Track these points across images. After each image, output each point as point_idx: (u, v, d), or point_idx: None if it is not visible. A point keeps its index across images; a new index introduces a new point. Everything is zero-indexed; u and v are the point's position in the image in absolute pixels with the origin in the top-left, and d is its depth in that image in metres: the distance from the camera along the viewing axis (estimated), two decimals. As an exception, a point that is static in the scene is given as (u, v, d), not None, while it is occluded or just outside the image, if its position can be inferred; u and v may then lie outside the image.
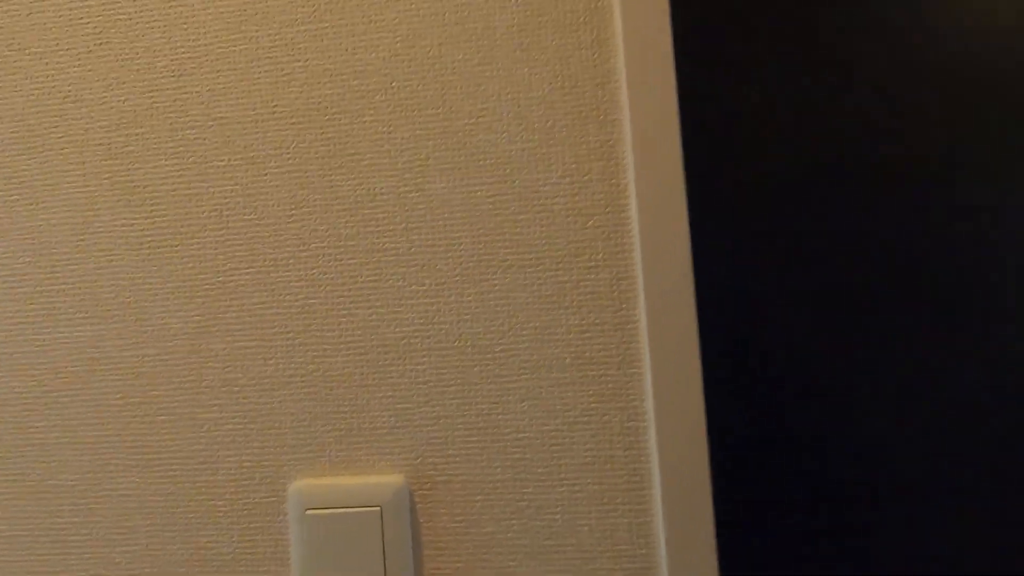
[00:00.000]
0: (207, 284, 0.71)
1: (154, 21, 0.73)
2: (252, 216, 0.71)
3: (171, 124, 0.73)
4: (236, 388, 0.71)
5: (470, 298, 0.67)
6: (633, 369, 0.65)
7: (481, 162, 0.68)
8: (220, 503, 0.72)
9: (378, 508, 0.68)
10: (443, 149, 0.68)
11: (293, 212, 0.71)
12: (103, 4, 0.74)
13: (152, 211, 0.72)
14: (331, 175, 0.70)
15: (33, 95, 0.75)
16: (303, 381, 0.70)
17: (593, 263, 0.66)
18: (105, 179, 0.73)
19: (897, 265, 0.70)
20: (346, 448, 0.71)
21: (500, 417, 0.67)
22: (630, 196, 0.65)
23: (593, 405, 0.66)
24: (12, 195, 0.75)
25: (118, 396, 0.72)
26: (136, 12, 0.74)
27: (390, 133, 0.70)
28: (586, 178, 0.67)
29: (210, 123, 0.72)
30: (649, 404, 0.64)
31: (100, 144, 0.74)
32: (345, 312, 0.70)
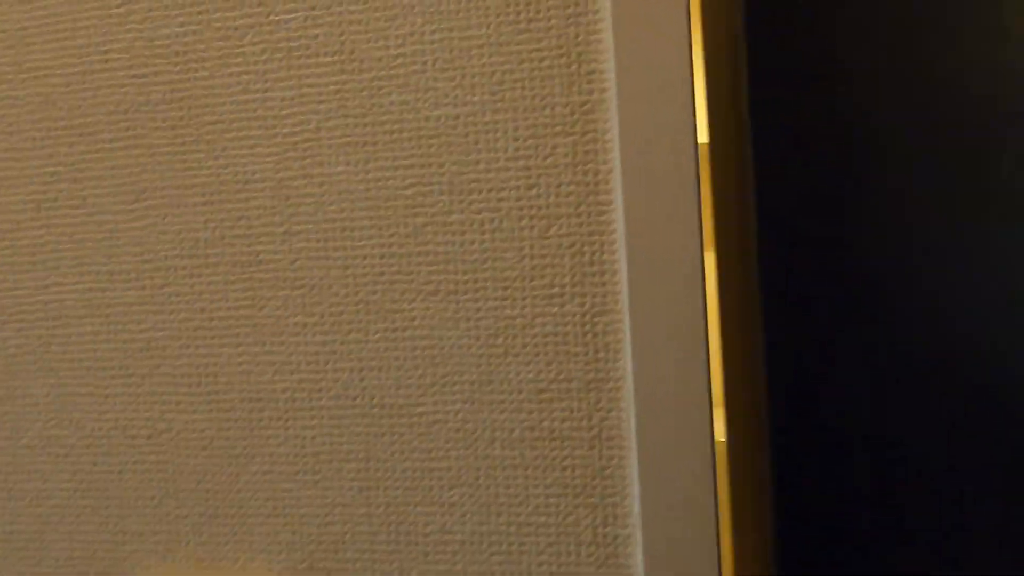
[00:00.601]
0: (22, 307, 0.58)
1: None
2: (80, 211, 0.54)
3: (-32, 79, 0.54)
4: (63, 450, 0.55)
5: (377, 336, 0.52)
6: (612, 449, 0.49)
7: (395, 135, 0.48)
8: (43, 605, 0.54)
9: (243, 633, 0.49)
10: (341, 115, 0.49)
11: (135, 206, 0.52)
12: None
13: (-53, 202, 0.55)
14: (185, 152, 0.51)
15: None
16: (150, 445, 0.53)
17: (557, 290, 0.50)
18: None
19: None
20: (207, 539, 0.52)
21: (419, 509, 0.52)
22: (614, 189, 0.49)
23: (553, 500, 0.50)
24: None
25: (-89, 455, 0.55)
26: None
27: (266, 92, 0.50)
28: (548, 160, 0.47)
29: (22, 78, 0.56)
30: (634, 503, 0.49)
31: None
32: (205, 351, 0.51)
